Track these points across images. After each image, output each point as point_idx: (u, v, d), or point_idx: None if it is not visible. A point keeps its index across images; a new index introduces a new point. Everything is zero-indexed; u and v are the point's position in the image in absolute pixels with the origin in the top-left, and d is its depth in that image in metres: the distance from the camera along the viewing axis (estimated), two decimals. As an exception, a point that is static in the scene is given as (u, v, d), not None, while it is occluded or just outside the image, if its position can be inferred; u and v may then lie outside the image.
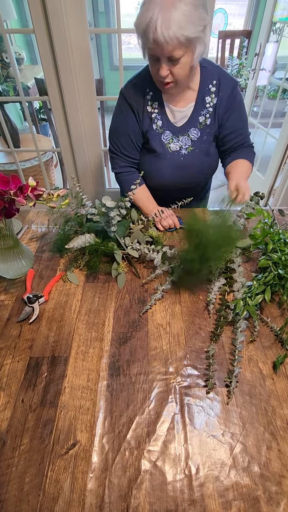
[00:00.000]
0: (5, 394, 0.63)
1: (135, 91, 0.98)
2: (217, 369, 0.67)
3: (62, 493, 0.51)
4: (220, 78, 0.97)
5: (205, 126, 1.01)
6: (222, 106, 0.99)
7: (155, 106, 0.99)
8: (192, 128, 1.01)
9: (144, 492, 0.51)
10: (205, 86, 0.97)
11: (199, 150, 1.03)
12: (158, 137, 1.02)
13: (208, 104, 0.98)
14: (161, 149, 1.03)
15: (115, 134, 1.07)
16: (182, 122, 1.01)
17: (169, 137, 1.02)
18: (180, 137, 1.02)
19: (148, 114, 1.00)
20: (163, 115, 1.00)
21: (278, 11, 3.15)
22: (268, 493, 0.51)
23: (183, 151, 1.03)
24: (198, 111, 0.99)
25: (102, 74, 4.29)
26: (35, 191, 0.74)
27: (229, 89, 0.98)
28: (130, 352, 0.70)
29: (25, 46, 3.50)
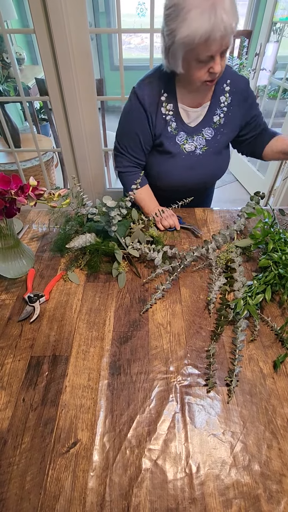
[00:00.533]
0: (6, 393, 0.63)
1: (149, 91, 0.95)
2: (218, 368, 0.67)
3: (63, 492, 0.51)
4: (232, 77, 0.98)
5: (219, 125, 1.01)
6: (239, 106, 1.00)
7: (170, 108, 0.97)
8: (207, 128, 1.01)
9: (145, 491, 0.51)
10: (220, 86, 0.97)
11: (213, 149, 1.04)
12: (173, 138, 1.01)
13: (223, 104, 0.99)
14: (176, 151, 1.02)
15: (123, 133, 1.05)
16: (196, 122, 1.01)
17: (183, 138, 1.01)
18: (195, 137, 1.01)
19: (162, 116, 0.98)
20: (177, 116, 0.99)
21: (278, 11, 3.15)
22: (268, 492, 0.51)
23: (198, 151, 1.03)
24: (213, 110, 0.99)
25: (102, 74, 4.30)
26: (36, 190, 0.74)
27: (244, 85, 0.99)
28: (130, 351, 0.70)
29: (26, 46, 3.50)
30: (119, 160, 1.09)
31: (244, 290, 0.79)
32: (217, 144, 1.03)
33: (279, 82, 2.15)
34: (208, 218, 1.10)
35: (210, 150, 1.04)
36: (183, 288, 0.85)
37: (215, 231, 1.04)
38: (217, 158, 1.06)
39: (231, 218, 1.10)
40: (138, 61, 4.28)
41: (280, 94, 2.25)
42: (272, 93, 3.77)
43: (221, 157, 1.07)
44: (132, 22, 4.10)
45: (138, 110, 0.97)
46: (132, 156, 1.07)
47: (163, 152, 1.04)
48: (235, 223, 1.00)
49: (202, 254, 0.90)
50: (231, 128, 1.03)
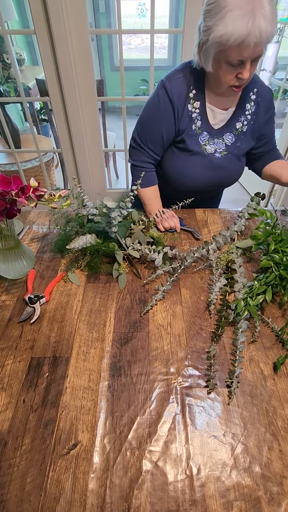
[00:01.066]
0: (6, 395, 0.63)
1: (178, 86, 0.93)
2: (218, 369, 0.67)
3: (63, 493, 0.51)
4: (259, 86, 0.97)
5: (241, 132, 1.00)
6: (261, 116, 1.00)
7: (197, 106, 0.95)
8: (228, 133, 1.00)
9: (145, 493, 0.51)
10: (247, 93, 0.97)
11: (232, 155, 1.03)
12: (195, 137, 0.99)
13: (248, 112, 0.98)
14: (197, 150, 1.00)
15: (145, 126, 1.01)
16: (219, 125, 1.00)
17: (206, 139, 0.99)
18: (216, 140, 1.00)
19: (189, 113, 0.96)
20: (203, 116, 0.97)
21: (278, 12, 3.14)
22: (269, 494, 0.51)
23: (217, 155, 1.02)
24: (237, 116, 0.98)
25: (102, 74, 4.30)
26: (37, 191, 0.74)
27: (268, 99, 0.99)
28: (131, 353, 0.70)
29: (26, 47, 3.51)
30: (136, 154, 1.06)
31: (244, 290, 0.79)
32: (236, 150, 1.02)
33: (279, 82, 2.15)
34: (208, 219, 1.09)
35: (229, 156, 1.02)
36: (184, 289, 0.84)
37: (215, 232, 1.04)
38: (235, 164, 1.05)
39: (232, 219, 1.09)
40: (139, 62, 4.28)
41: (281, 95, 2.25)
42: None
43: (239, 163, 1.06)
44: (132, 22, 4.10)
45: (165, 104, 0.95)
46: (150, 151, 1.04)
47: (183, 150, 1.01)
48: (236, 224, 1.00)
49: (202, 255, 0.90)
50: (251, 136, 1.03)
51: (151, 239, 0.94)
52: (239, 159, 1.05)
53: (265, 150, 1.08)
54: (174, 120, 0.97)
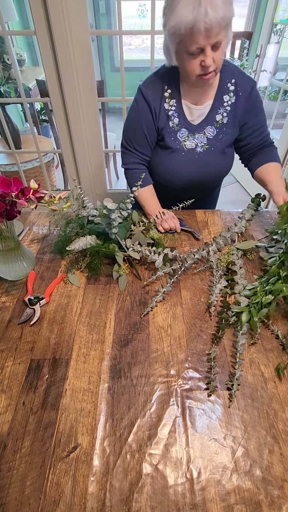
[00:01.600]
0: (6, 397, 0.63)
1: (153, 88, 0.98)
2: (219, 371, 0.67)
3: (63, 497, 0.51)
4: (238, 77, 0.97)
5: (222, 124, 1.01)
6: (241, 106, 0.99)
7: (173, 104, 0.99)
8: (209, 126, 1.01)
9: (146, 496, 0.51)
10: (224, 85, 0.97)
11: (215, 148, 1.03)
12: (174, 134, 1.02)
13: (226, 103, 0.99)
14: (176, 146, 1.03)
15: (129, 130, 1.07)
16: (199, 120, 1.01)
17: (185, 135, 1.02)
18: (196, 135, 1.02)
19: (165, 111, 1.00)
20: (180, 113, 1.00)
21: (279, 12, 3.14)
22: (270, 497, 0.51)
23: (199, 149, 1.03)
24: (216, 109, 0.99)
25: (103, 75, 4.30)
26: (37, 193, 0.74)
27: (249, 89, 0.98)
28: (131, 355, 0.70)
29: (27, 48, 3.51)
30: (126, 157, 1.10)
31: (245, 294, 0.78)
32: (219, 143, 1.03)
33: (279, 83, 2.15)
34: (209, 220, 1.09)
35: (212, 149, 1.03)
36: (184, 290, 0.84)
37: (216, 233, 1.03)
38: (220, 157, 1.06)
39: (232, 220, 1.09)
40: (139, 62, 4.28)
41: (281, 96, 2.25)
42: (272, 95, 3.77)
43: (224, 156, 1.06)
44: (132, 23, 4.10)
45: (142, 106, 1.00)
46: (138, 152, 1.08)
47: (163, 147, 1.05)
48: (236, 225, 0.99)
49: (203, 256, 0.90)
50: (233, 128, 1.03)
51: (151, 240, 0.94)
52: (223, 152, 1.05)
53: (254, 143, 1.05)
54: (152, 119, 1.01)
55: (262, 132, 1.05)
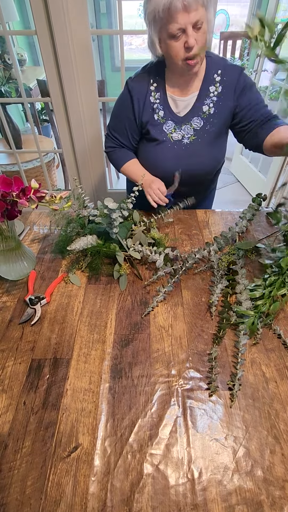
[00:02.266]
0: (7, 396, 0.63)
1: (139, 82, 1.01)
2: (220, 372, 0.67)
3: (64, 497, 0.51)
4: (224, 68, 0.97)
5: (208, 115, 1.01)
6: (230, 95, 0.97)
7: (157, 97, 1.00)
8: (195, 118, 1.01)
9: (147, 496, 0.51)
10: (210, 76, 0.97)
11: (202, 140, 1.03)
12: (159, 126, 1.03)
13: (212, 94, 0.98)
14: (162, 138, 1.04)
15: (113, 118, 1.11)
16: (185, 112, 1.01)
17: (171, 127, 1.02)
18: (183, 126, 1.02)
19: (150, 105, 1.01)
20: (165, 105, 1.01)
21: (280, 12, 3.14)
22: (271, 498, 0.51)
23: (185, 140, 1.03)
24: (202, 100, 0.99)
25: (103, 75, 4.30)
26: (38, 193, 0.74)
27: (236, 75, 0.96)
28: (132, 355, 0.70)
29: (27, 48, 3.51)
30: (107, 141, 1.15)
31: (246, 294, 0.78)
32: (206, 134, 1.03)
33: (280, 83, 2.15)
34: (209, 220, 1.09)
35: (199, 140, 1.03)
36: (185, 290, 0.84)
37: (216, 233, 1.03)
38: (209, 149, 1.05)
39: (233, 219, 1.09)
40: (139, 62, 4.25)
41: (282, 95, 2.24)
42: (273, 94, 3.77)
43: (213, 148, 1.05)
44: (133, 23, 4.10)
45: (126, 99, 1.03)
46: (117, 139, 1.12)
47: (150, 140, 1.06)
48: (237, 225, 0.99)
49: (203, 256, 0.90)
50: (222, 118, 1.01)
51: (152, 240, 0.94)
52: (211, 143, 1.04)
53: (256, 119, 0.99)
54: (133, 113, 1.03)
55: (261, 108, 0.98)
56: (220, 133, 1.04)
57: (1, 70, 2.38)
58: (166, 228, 1.05)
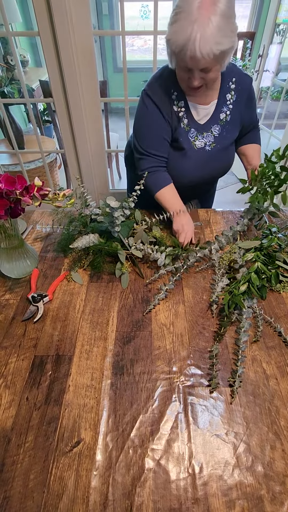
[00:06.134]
0: (10, 392, 0.63)
1: (160, 92, 0.97)
2: (221, 368, 0.67)
3: (66, 490, 0.51)
4: (237, 75, 0.99)
5: (225, 122, 1.03)
6: (243, 103, 1.02)
7: (181, 105, 0.99)
8: (215, 125, 1.03)
9: (148, 490, 0.52)
10: (226, 84, 0.99)
11: (220, 146, 1.05)
12: (185, 135, 1.02)
13: (229, 101, 1.01)
14: (188, 146, 1.03)
15: (144, 136, 1.03)
16: (205, 120, 1.03)
17: (194, 135, 1.03)
18: (204, 134, 1.03)
19: (176, 113, 1.00)
20: (188, 114, 1.01)
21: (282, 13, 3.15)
22: (271, 493, 0.51)
23: (207, 148, 1.05)
24: (220, 108, 1.01)
25: (106, 76, 4.31)
26: (41, 191, 0.75)
27: (248, 86, 1.01)
28: (133, 351, 0.70)
29: (30, 49, 3.53)
30: (143, 163, 1.05)
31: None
32: (223, 140, 1.05)
33: (282, 83, 2.15)
34: (211, 219, 1.10)
35: (218, 147, 1.05)
36: (186, 288, 0.85)
37: (218, 232, 1.04)
38: (224, 154, 1.08)
39: (234, 219, 1.10)
40: (141, 63, 4.29)
41: (283, 96, 2.25)
42: (275, 95, 3.77)
43: (227, 153, 1.09)
44: (135, 24, 4.11)
45: (153, 110, 0.99)
46: (156, 156, 1.04)
47: (177, 148, 1.05)
48: (238, 224, 1.00)
49: (205, 254, 0.90)
50: (235, 125, 1.05)
51: (153, 239, 0.94)
52: (227, 148, 1.07)
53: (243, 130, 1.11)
54: (166, 120, 1.00)
55: (253, 122, 1.11)
56: (233, 138, 1.07)
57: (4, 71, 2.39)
58: (167, 227, 1.06)
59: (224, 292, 0.79)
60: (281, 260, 0.85)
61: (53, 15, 1.32)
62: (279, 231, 0.93)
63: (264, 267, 0.82)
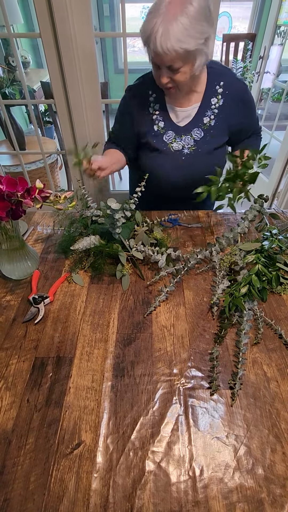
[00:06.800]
0: (10, 394, 0.64)
1: (137, 93, 1.01)
2: (221, 371, 0.67)
3: (66, 493, 0.52)
4: (228, 80, 0.97)
5: (209, 127, 1.01)
6: (232, 110, 1.00)
7: (157, 108, 1.01)
8: (196, 128, 1.02)
9: (148, 493, 0.52)
10: (212, 87, 0.97)
11: (202, 150, 1.04)
12: (160, 137, 1.04)
13: (214, 106, 0.99)
14: (162, 148, 1.04)
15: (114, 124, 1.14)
16: (185, 122, 1.02)
17: (171, 137, 1.03)
18: (183, 137, 1.03)
19: (150, 116, 1.02)
20: (165, 116, 1.02)
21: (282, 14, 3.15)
22: (272, 496, 0.51)
23: (186, 151, 1.04)
24: (203, 112, 1.00)
25: (107, 77, 4.32)
26: (42, 193, 0.75)
27: (239, 91, 0.99)
28: (134, 353, 0.70)
29: (31, 50, 3.54)
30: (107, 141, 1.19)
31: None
32: (206, 145, 1.04)
33: (283, 85, 2.15)
34: (212, 221, 1.10)
35: (199, 151, 1.04)
36: (187, 290, 0.85)
37: (218, 233, 1.04)
38: (208, 158, 1.06)
39: (235, 221, 1.10)
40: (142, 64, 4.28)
41: (284, 97, 2.25)
42: (276, 96, 3.77)
43: (212, 157, 1.06)
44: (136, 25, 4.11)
45: (124, 111, 1.06)
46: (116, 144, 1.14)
47: (152, 149, 1.07)
48: (239, 226, 1.00)
49: (205, 256, 0.90)
50: (221, 130, 1.03)
51: (154, 240, 0.94)
52: (211, 153, 1.05)
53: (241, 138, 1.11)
54: (132, 124, 1.05)
55: (249, 130, 1.09)
56: (219, 143, 1.06)
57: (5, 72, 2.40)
58: (168, 228, 1.06)
59: (225, 294, 0.79)
60: (281, 262, 0.85)
61: (54, 16, 1.32)
62: (280, 233, 0.93)
63: (265, 269, 0.82)
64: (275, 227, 0.95)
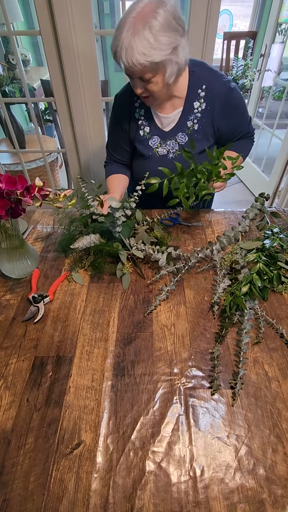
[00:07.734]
0: (10, 393, 0.63)
1: (124, 99, 1.03)
2: (222, 370, 0.67)
3: (66, 493, 0.51)
4: (209, 83, 0.95)
5: (193, 131, 1.01)
6: (215, 112, 0.98)
7: (142, 114, 1.02)
8: (180, 133, 1.02)
9: (149, 493, 0.51)
10: (194, 91, 0.96)
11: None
12: (145, 142, 1.05)
13: (196, 110, 0.98)
14: (148, 153, 1.06)
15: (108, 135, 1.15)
16: (170, 127, 1.02)
17: (157, 142, 1.04)
18: (168, 142, 1.04)
19: (136, 121, 1.03)
20: (150, 122, 1.03)
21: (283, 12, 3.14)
22: (273, 496, 0.51)
23: (171, 155, 1.05)
24: (186, 116, 1.00)
25: (107, 75, 4.31)
26: (42, 191, 0.74)
27: (222, 95, 0.96)
28: (134, 353, 0.70)
29: (31, 48, 3.53)
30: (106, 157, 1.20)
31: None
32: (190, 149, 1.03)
33: (284, 83, 2.14)
34: (212, 220, 1.09)
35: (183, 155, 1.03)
36: (188, 289, 0.84)
37: (219, 232, 1.03)
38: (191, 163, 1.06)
39: (236, 219, 1.09)
40: (143, 63, 4.28)
41: (285, 95, 2.24)
42: (277, 94, 3.76)
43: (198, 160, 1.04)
44: (137, 23, 4.10)
45: (115, 115, 1.07)
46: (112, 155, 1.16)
47: (139, 155, 1.09)
48: (240, 225, 0.99)
49: (206, 255, 0.90)
50: (205, 134, 1.02)
51: (155, 239, 0.94)
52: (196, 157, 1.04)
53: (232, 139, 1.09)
54: (123, 129, 1.06)
55: (239, 132, 1.08)
56: (203, 148, 1.04)
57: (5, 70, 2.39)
58: (168, 227, 1.05)
59: (226, 293, 0.79)
60: (283, 261, 0.85)
61: (54, 14, 1.32)
62: (281, 232, 0.92)
63: (266, 268, 0.82)
64: (276, 226, 0.95)
